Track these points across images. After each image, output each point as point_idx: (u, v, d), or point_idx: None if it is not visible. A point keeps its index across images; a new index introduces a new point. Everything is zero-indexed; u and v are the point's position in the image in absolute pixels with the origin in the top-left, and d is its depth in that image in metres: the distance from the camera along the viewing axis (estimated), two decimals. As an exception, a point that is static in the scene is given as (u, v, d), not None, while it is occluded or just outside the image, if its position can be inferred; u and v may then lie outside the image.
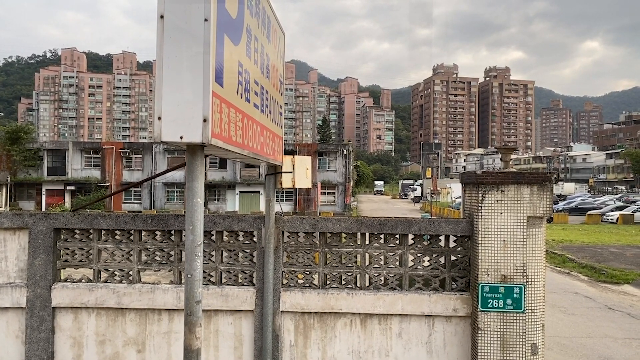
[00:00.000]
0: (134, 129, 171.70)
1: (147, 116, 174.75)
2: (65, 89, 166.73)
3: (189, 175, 2.86)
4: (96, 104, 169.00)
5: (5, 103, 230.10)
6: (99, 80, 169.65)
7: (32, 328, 5.22)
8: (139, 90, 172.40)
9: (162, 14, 2.58)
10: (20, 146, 46.04)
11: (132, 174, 47.19)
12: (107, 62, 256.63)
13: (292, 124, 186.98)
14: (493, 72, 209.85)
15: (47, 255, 5.25)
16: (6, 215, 5.29)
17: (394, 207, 63.15)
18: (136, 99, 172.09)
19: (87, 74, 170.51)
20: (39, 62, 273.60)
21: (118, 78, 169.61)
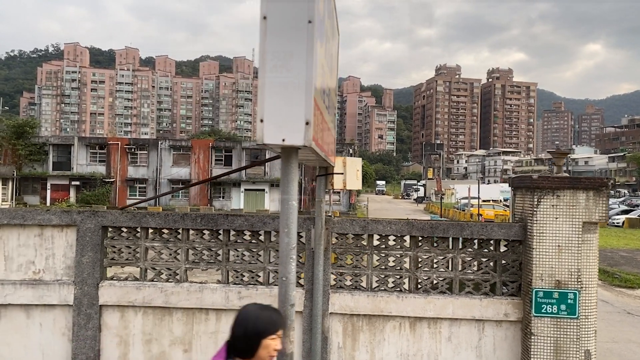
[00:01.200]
0: (135, 125, 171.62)
1: (149, 112, 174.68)
2: (67, 84, 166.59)
3: (284, 178, 2.84)
4: (98, 99, 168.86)
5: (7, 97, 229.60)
6: (102, 75, 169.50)
7: (79, 326, 5.20)
8: (141, 86, 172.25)
9: (265, 15, 2.55)
10: (25, 141, 46.01)
11: (138, 170, 47.17)
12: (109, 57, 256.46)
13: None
14: (496, 74, 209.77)
15: (94, 253, 5.23)
16: (55, 212, 5.27)
17: (398, 207, 63.13)
18: (138, 94, 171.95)
19: (90, 69, 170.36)
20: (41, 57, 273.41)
21: (120, 74, 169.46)
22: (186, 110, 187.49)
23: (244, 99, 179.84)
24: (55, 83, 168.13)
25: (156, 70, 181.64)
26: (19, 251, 5.25)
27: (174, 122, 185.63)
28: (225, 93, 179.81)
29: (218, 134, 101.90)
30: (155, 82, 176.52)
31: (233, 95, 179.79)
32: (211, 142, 49.53)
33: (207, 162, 46.95)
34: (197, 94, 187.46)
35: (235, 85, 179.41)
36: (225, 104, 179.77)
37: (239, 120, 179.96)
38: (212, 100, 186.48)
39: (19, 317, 5.22)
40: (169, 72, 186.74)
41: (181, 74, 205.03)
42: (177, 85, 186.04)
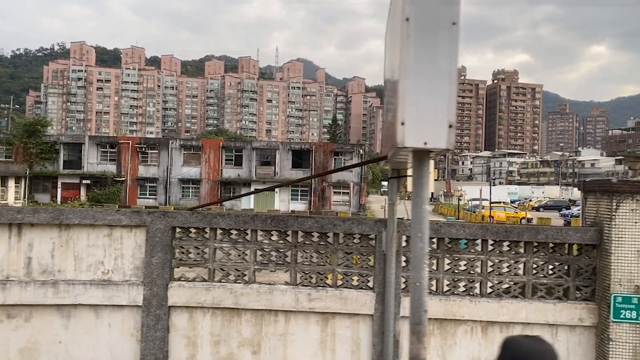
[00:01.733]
0: (141, 124, 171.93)
1: (154, 111, 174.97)
2: (73, 83, 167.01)
3: (417, 182, 2.80)
4: (104, 98, 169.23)
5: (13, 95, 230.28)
6: (107, 74, 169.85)
7: (148, 326, 5.18)
8: (146, 86, 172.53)
9: (407, 17, 2.52)
10: (36, 139, 46.10)
11: (148, 169, 47.22)
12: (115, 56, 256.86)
13: (298, 123, 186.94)
14: (501, 75, 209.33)
15: (164, 253, 5.22)
16: (125, 212, 5.26)
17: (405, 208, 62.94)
18: (144, 94, 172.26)
19: (96, 68, 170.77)
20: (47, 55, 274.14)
21: (126, 73, 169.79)
22: (191, 109, 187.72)
23: (249, 99, 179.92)
24: (61, 82, 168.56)
25: (162, 70, 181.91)
26: (88, 251, 5.24)
27: (179, 122, 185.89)
28: (230, 93, 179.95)
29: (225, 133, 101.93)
30: (160, 82, 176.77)
31: (238, 95, 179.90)
32: (221, 142, 49.55)
33: (217, 161, 46.97)
34: (202, 93, 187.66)
35: (241, 85, 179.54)
36: (231, 104, 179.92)
37: (244, 120, 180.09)
38: (217, 99, 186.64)
39: (88, 317, 5.21)
40: (175, 71, 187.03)
41: (186, 73, 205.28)
42: (182, 84, 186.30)
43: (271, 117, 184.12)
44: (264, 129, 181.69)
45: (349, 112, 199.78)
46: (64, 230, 5.19)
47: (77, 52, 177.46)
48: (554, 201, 64.96)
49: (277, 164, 46.54)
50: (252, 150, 46.99)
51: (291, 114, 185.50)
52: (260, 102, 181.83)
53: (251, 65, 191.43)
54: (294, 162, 46.87)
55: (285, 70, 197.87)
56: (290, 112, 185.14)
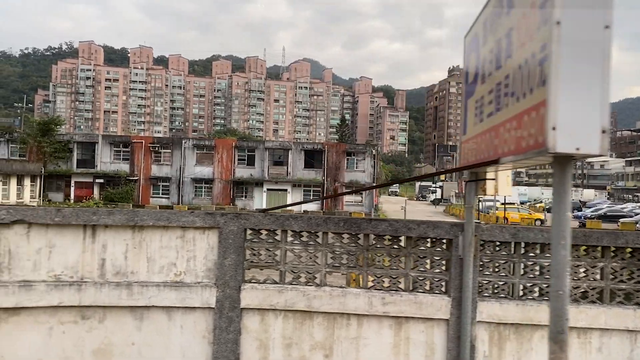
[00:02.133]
0: (149, 123, 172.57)
1: (162, 111, 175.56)
2: (82, 82, 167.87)
3: (559, 188, 2.75)
4: (112, 97, 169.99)
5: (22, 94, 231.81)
6: (116, 73, 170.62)
7: (221, 329, 5.16)
8: (154, 85, 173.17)
9: (558, 20, 2.48)
10: (50, 138, 46.34)
11: (161, 169, 47.37)
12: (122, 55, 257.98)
13: (305, 122, 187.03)
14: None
15: (237, 255, 5.19)
16: (198, 214, 5.24)
17: (416, 209, 62.89)
18: (152, 93, 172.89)
19: (104, 67, 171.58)
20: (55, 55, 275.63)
21: (134, 72, 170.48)
22: (198, 109, 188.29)
23: (256, 99, 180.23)
24: (69, 81, 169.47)
25: (169, 69, 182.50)
26: (161, 253, 5.22)
27: (186, 121, 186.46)
28: (238, 92, 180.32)
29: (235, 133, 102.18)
30: (168, 81, 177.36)
31: (246, 95, 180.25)
32: (234, 141, 49.64)
33: (230, 161, 47.04)
34: (209, 93, 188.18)
35: (248, 84, 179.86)
36: (238, 104, 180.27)
37: (251, 120, 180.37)
38: (224, 99, 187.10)
39: (161, 319, 5.19)
40: (182, 71, 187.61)
41: (193, 73, 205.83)
42: (189, 84, 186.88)
43: (278, 116, 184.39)
44: (271, 129, 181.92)
45: (355, 112, 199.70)
46: (137, 232, 5.18)
47: (85, 51, 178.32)
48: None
49: (290, 163, 46.55)
50: (265, 150, 47.03)
51: (298, 114, 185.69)
52: (268, 102, 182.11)
53: (258, 65, 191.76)
54: (306, 162, 46.89)
55: (293, 70, 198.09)
56: (297, 112, 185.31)
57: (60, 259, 5.06)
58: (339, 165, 45.90)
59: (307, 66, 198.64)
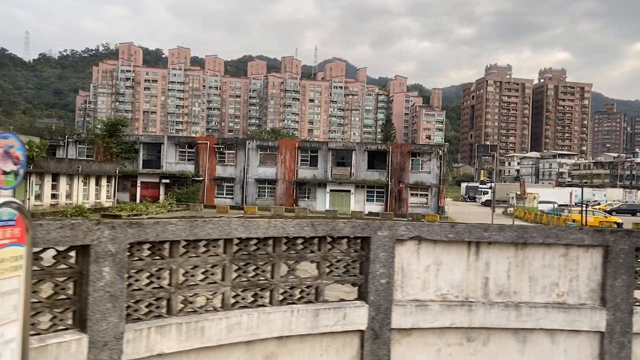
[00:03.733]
0: (186, 124, 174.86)
1: (199, 111, 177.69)
2: (122, 82, 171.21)
3: None
4: (151, 97, 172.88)
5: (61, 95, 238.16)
6: (154, 74, 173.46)
7: (611, 354, 4.83)
8: (192, 86, 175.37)
9: None
10: (117, 139, 47.18)
11: (225, 169, 47.71)
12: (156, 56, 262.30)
13: (340, 122, 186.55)
14: (548, 74, 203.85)
15: (628, 276, 4.85)
16: (586, 231, 4.93)
17: (472, 210, 61.79)
18: (189, 93, 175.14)
19: (143, 68, 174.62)
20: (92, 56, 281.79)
21: (173, 73, 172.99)
22: (234, 109, 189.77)
23: (291, 99, 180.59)
24: (110, 82, 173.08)
25: (206, 70, 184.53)
26: (542, 272, 4.93)
27: (222, 121, 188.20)
28: (273, 92, 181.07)
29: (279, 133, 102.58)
30: (205, 82, 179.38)
31: (281, 95, 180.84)
32: (297, 142, 49.66)
33: (293, 162, 47.04)
34: (245, 93, 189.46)
35: (284, 84, 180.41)
36: (274, 104, 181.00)
37: (286, 120, 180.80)
38: (259, 99, 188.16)
39: (544, 342, 4.91)
40: (218, 71, 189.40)
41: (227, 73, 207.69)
42: (225, 84, 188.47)
43: (313, 116, 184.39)
44: (305, 129, 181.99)
45: (390, 111, 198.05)
46: (519, 250, 4.90)
47: (125, 52, 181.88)
48: (628, 205, 62.55)
49: (353, 164, 46.23)
50: (328, 151, 46.86)
51: (333, 114, 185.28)
52: (303, 102, 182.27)
53: (294, 65, 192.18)
54: (369, 162, 46.50)
55: (327, 69, 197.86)
56: (332, 112, 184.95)
57: (447, 277, 4.82)
58: (404, 166, 45.36)
59: (342, 66, 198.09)
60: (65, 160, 34.25)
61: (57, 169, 32.40)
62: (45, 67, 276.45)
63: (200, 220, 3.88)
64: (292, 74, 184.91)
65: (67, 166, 33.67)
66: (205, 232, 3.88)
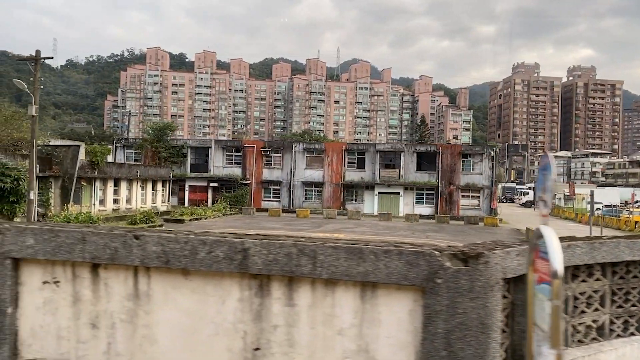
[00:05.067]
0: (213, 127, 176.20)
1: (226, 114, 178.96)
2: (150, 87, 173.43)
3: None
4: (178, 101, 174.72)
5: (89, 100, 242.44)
6: (182, 78, 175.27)
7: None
8: (218, 89, 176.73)
9: None
10: (165, 143, 47.52)
11: (272, 172, 47.66)
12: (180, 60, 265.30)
13: (365, 124, 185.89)
14: (577, 72, 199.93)
15: None
16: None
17: (515, 211, 60.64)
18: (216, 97, 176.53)
19: (171, 73, 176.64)
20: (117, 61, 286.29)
21: (199, 77, 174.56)
22: (259, 112, 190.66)
23: (317, 100, 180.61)
24: (138, 86, 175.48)
25: (232, 73, 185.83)
26: None
27: (247, 124, 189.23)
28: (299, 95, 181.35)
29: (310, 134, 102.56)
30: (231, 85, 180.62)
31: (306, 97, 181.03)
32: (344, 145, 49.38)
33: (340, 164, 46.76)
34: (270, 95, 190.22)
35: (309, 86, 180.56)
36: (299, 106, 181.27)
37: (311, 122, 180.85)
38: (284, 102, 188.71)
39: None
40: (244, 75, 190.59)
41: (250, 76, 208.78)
42: (251, 87, 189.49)
43: (338, 118, 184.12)
44: (331, 130, 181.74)
45: (415, 111, 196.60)
46: None
47: (152, 57, 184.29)
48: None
49: (402, 166, 45.72)
50: (376, 153, 46.44)
51: (358, 115, 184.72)
52: (328, 103, 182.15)
53: (319, 67, 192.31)
54: (418, 164, 45.93)
55: (352, 70, 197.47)
56: (357, 113, 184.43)
57: None
58: (454, 167, 44.67)
59: (367, 67, 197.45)
60: (125, 165, 34.55)
61: (118, 174, 32.68)
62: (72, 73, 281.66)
63: (596, 242, 3.55)
64: (317, 75, 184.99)
65: (127, 171, 33.94)
66: (601, 255, 3.55)
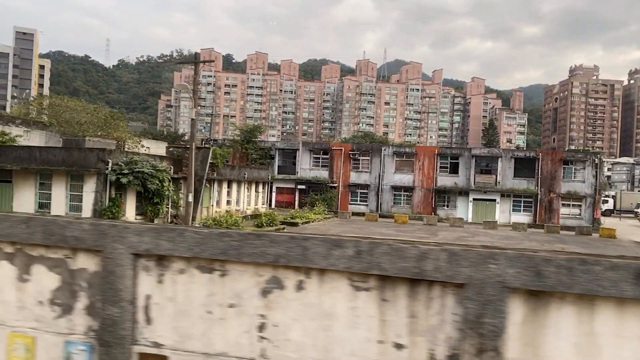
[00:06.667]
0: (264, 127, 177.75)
1: (276, 115, 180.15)
2: (203, 87, 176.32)
3: None
4: (230, 102, 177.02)
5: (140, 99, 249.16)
6: (234, 79, 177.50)
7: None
8: (270, 90, 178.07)
9: None
10: (254, 145, 47.63)
11: (360, 176, 47.05)
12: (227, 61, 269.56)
13: (416, 125, 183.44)
14: (638, 74, 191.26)
15: None
16: None
17: (602, 221, 57.81)
18: (267, 98, 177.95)
19: (224, 74, 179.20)
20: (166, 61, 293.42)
21: (251, 78, 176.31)
22: (308, 112, 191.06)
23: (367, 102, 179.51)
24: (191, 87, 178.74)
25: (282, 75, 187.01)
26: None
27: (296, 125, 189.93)
28: (349, 96, 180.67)
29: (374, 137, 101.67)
30: (282, 86, 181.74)
31: (356, 98, 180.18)
32: (437, 149, 48.28)
33: (431, 169, 45.68)
34: (319, 97, 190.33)
35: (359, 87, 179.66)
36: (349, 107, 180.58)
37: (361, 123, 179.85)
38: (332, 103, 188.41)
39: None
40: (293, 76, 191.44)
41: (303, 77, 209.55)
42: (300, 88, 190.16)
43: (388, 119, 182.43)
44: (380, 132, 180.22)
45: (467, 113, 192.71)
46: None
47: (205, 58, 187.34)
48: None
49: (499, 172, 44.23)
50: (471, 158, 45.10)
51: (409, 117, 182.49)
52: (378, 105, 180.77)
53: (369, 68, 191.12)
54: (516, 170, 44.32)
55: (403, 72, 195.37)
56: (407, 115, 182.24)
57: None
58: (555, 174, 42.87)
59: (419, 67, 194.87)
60: (236, 167, 34.64)
61: (230, 176, 32.74)
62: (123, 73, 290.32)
63: None
64: (368, 76, 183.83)
65: (237, 173, 34.00)
66: None
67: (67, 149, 22.04)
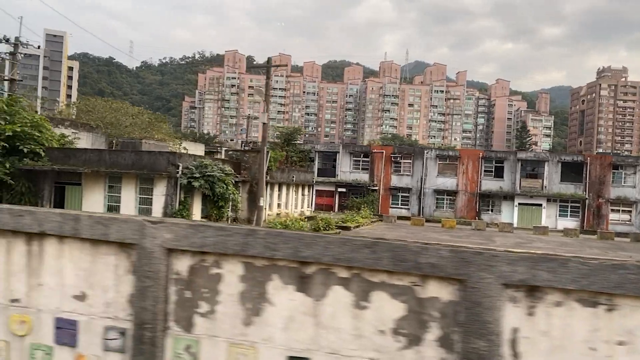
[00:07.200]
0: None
1: (299, 117, 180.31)
2: (227, 89, 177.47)
3: None
4: (254, 104, 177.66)
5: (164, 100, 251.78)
6: (258, 81, 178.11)
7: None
8: (293, 92, 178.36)
9: None
10: (294, 147, 47.53)
11: (401, 179, 46.61)
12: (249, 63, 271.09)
13: (440, 127, 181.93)
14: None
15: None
16: None
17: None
18: (290, 100, 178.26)
19: (247, 75, 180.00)
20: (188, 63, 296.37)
21: (275, 80, 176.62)
22: (330, 114, 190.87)
23: (390, 103, 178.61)
24: (216, 88, 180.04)
25: (304, 76, 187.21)
26: None
27: (318, 127, 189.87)
28: (372, 97, 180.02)
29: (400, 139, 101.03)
30: (305, 88, 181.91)
31: (380, 100, 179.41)
32: (481, 152, 47.65)
33: (475, 173, 45.03)
34: (341, 98, 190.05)
35: (382, 89, 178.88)
36: (372, 109, 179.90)
37: (384, 125, 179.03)
38: (355, 104, 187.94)
39: None
40: (316, 77, 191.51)
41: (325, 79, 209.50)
42: (322, 90, 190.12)
43: (412, 121, 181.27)
44: (404, 134, 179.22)
45: (491, 115, 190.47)
46: None
47: (230, 60, 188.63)
48: None
49: (545, 176, 43.39)
50: (517, 162, 44.36)
51: (433, 118, 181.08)
52: (402, 107, 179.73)
53: (392, 70, 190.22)
54: (563, 175, 43.44)
55: (427, 73, 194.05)
56: (431, 117, 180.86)
57: None
58: (604, 179, 41.91)
59: (443, 69, 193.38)
60: (286, 170, 34.55)
61: (281, 179, 32.67)
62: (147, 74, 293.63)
63: None
64: (391, 78, 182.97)
65: (287, 176, 33.92)
66: None
67: (137, 152, 22.15)
